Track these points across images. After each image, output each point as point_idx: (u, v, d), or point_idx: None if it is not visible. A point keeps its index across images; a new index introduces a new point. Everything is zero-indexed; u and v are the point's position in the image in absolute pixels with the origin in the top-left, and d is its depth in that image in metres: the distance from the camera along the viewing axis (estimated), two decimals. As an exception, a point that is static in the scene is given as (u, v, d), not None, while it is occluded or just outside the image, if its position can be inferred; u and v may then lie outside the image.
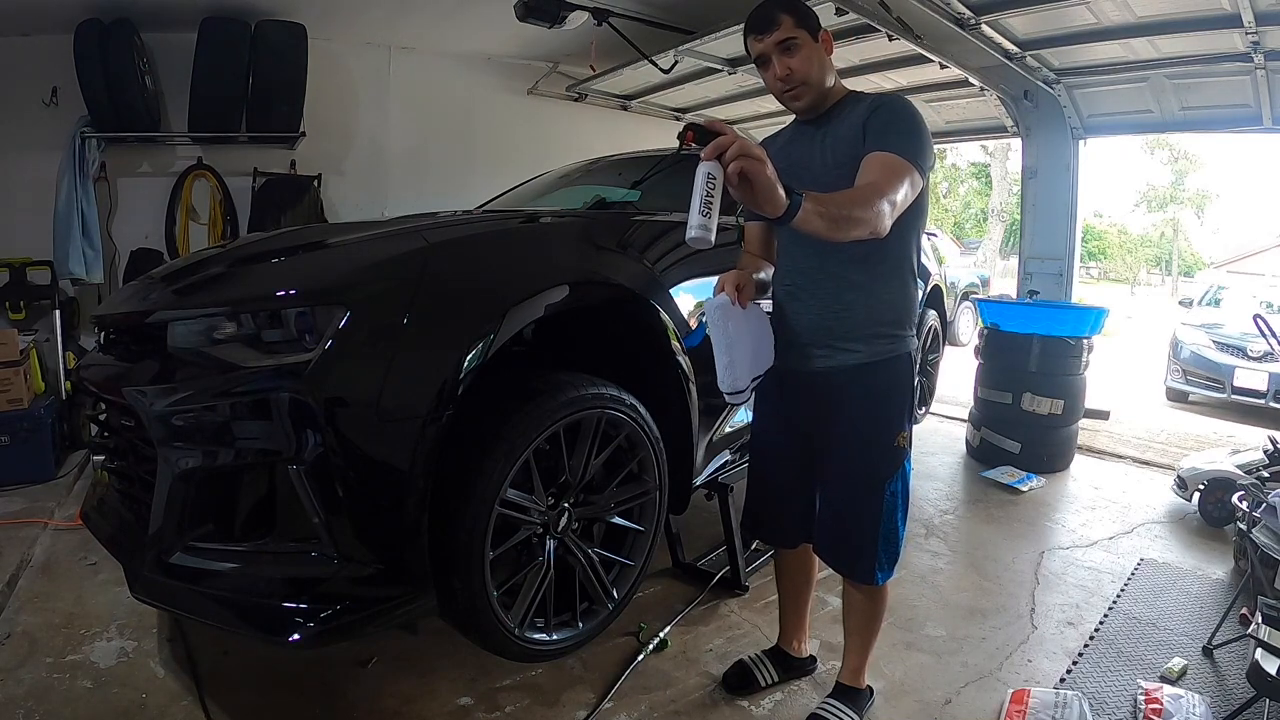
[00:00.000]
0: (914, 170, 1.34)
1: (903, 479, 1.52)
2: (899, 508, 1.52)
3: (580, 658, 1.86)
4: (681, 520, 2.33)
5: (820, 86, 1.47)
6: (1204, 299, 7.55)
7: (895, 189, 1.29)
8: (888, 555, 1.53)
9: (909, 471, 1.54)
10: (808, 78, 1.45)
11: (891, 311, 1.49)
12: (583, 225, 2.05)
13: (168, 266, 2.08)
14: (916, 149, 1.36)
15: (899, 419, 1.50)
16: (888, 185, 1.29)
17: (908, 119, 1.40)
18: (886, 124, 1.39)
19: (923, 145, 1.38)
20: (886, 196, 1.27)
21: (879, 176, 1.31)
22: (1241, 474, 2.82)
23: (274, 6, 3.79)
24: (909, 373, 1.52)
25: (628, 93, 5.32)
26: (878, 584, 1.55)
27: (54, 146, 3.61)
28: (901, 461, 1.51)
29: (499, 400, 1.61)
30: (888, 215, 1.27)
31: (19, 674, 1.73)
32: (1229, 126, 4.29)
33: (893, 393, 1.50)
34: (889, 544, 1.52)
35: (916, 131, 1.39)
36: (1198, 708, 1.67)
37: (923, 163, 1.37)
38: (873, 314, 1.48)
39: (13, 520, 2.65)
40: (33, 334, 3.51)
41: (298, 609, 1.34)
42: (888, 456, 1.49)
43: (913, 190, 1.35)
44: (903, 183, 1.31)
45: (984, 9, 3.40)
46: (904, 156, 1.34)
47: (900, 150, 1.35)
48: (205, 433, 1.37)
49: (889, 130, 1.38)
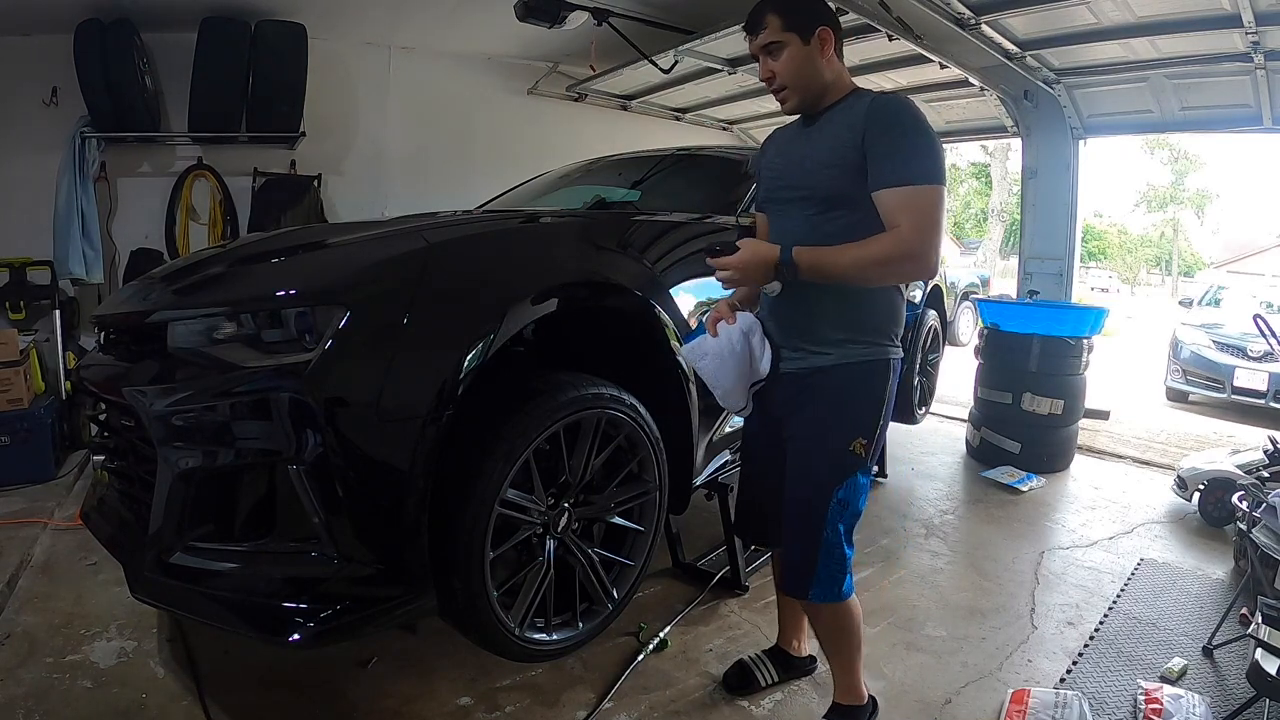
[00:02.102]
0: (936, 189, 1.30)
1: (851, 489, 1.43)
2: (842, 517, 1.43)
3: (580, 658, 1.86)
4: (681, 520, 2.33)
5: (807, 89, 1.43)
6: (1204, 299, 7.56)
7: (926, 227, 1.28)
8: (827, 571, 1.44)
9: (863, 485, 1.44)
10: (789, 81, 1.41)
11: (871, 318, 1.43)
12: (583, 225, 2.05)
13: (168, 266, 2.08)
14: (930, 166, 1.31)
15: (859, 425, 1.42)
16: (916, 231, 1.28)
17: (910, 130, 1.33)
18: (892, 144, 1.32)
19: (933, 156, 1.32)
20: (919, 242, 1.28)
21: (905, 220, 1.29)
22: (1241, 474, 2.83)
23: (274, 6, 3.79)
24: (880, 381, 1.44)
25: (628, 93, 5.32)
26: (810, 600, 1.47)
27: (54, 146, 3.60)
28: (854, 470, 1.42)
29: (499, 400, 1.61)
30: (932, 254, 1.29)
31: (19, 674, 1.73)
32: (1229, 126, 4.30)
33: (857, 397, 1.43)
34: (830, 558, 1.43)
35: (924, 145, 1.32)
36: (1198, 708, 1.67)
37: (940, 174, 1.32)
38: (847, 319, 1.42)
39: (13, 520, 2.64)
40: (33, 334, 3.51)
41: (298, 609, 1.34)
42: (839, 460, 1.42)
43: (942, 206, 1.32)
44: (931, 212, 1.29)
45: (984, 9, 3.41)
46: (921, 181, 1.30)
47: (915, 176, 1.30)
48: (205, 433, 1.37)
49: (896, 151, 1.31)
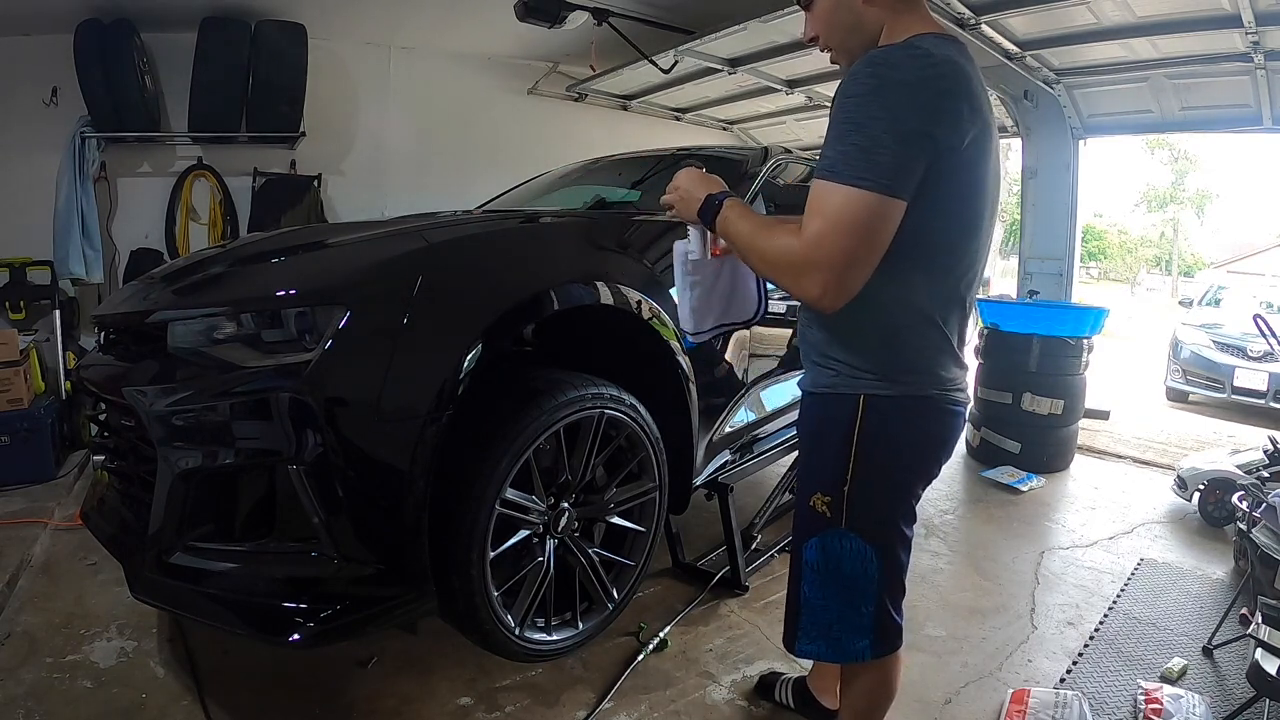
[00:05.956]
0: (844, 191, 0.93)
1: (824, 551, 1.16)
2: (819, 583, 1.18)
3: (580, 658, 1.86)
4: (681, 520, 2.32)
5: (849, 46, 1.14)
6: (1204, 299, 7.56)
7: (823, 241, 0.94)
8: (813, 628, 1.21)
9: (844, 550, 1.15)
10: (828, 38, 1.15)
11: (854, 340, 1.10)
12: (583, 225, 2.05)
13: (168, 266, 2.08)
14: (842, 155, 0.94)
15: (818, 475, 1.17)
16: (811, 242, 0.95)
17: (844, 102, 0.97)
18: (831, 115, 0.99)
19: (860, 143, 0.93)
20: (807, 257, 0.96)
21: (810, 224, 0.96)
22: (1241, 474, 2.83)
23: (274, 6, 3.79)
24: (847, 420, 1.11)
25: (628, 93, 5.32)
26: (795, 653, 1.26)
27: (54, 146, 3.61)
28: (819, 529, 1.16)
29: (499, 400, 1.61)
30: (823, 279, 0.95)
31: (19, 674, 1.73)
32: (1229, 126, 4.31)
33: (820, 439, 1.16)
34: (814, 620, 1.21)
35: (852, 123, 0.94)
36: (1198, 708, 1.67)
37: (858, 169, 0.93)
38: (832, 336, 1.13)
39: (13, 520, 2.64)
40: (33, 334, 3.51)
41: (297, 609, 1.34)
42: (804, 514, 1.19)
43: (861, 221, 0.93)
44: (837, 222, 0.94)
45: (984, 9, 3.40)
46: (826, 175, 0.95)
47: (824, 166, 0.96)
48: (205, 433, 1.37)
49: (829, 129, 0.99)
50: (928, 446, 1.16)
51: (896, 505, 1.17)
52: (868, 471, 1.12)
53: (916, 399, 1.10)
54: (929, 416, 1.12)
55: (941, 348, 1.11)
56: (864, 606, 1.18)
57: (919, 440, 1.14)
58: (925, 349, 1.10)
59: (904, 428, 1.11)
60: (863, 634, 1.20)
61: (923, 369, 1.11)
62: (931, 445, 1.16)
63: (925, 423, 1.12)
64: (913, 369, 1.10)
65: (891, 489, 1.16)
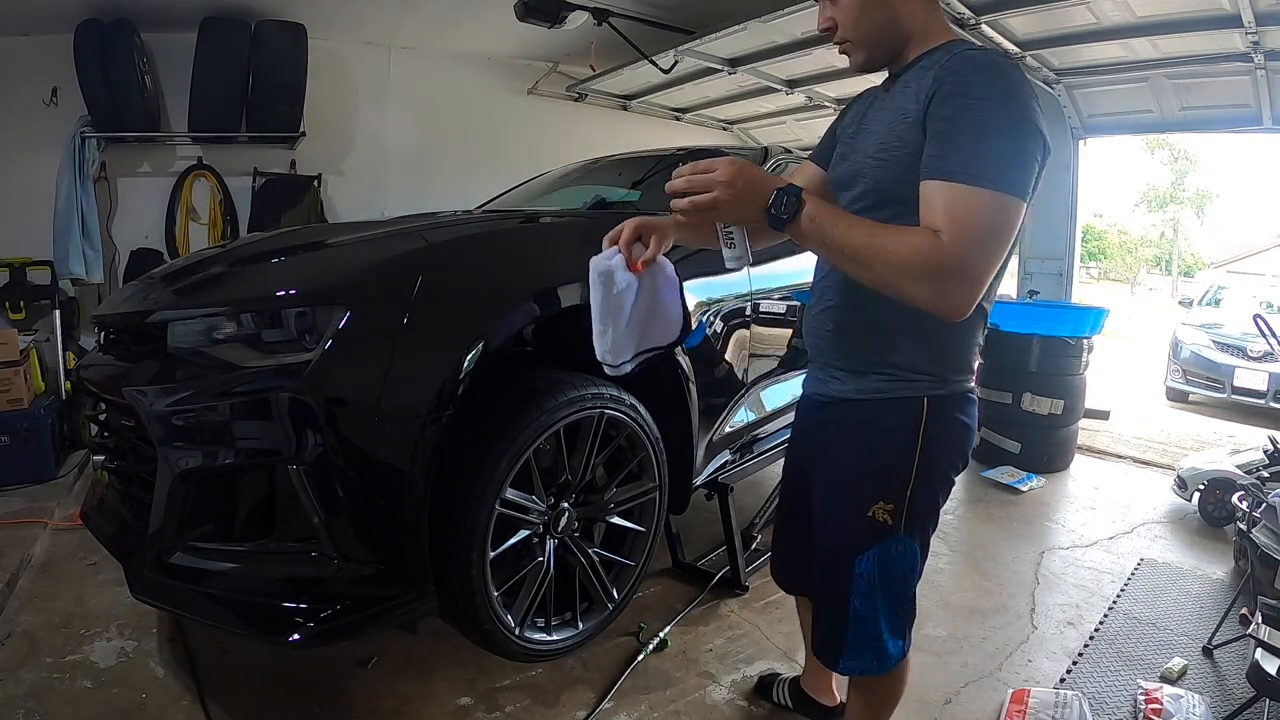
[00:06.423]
0: (1001, 199, 0.91)
1: (880, 560, 1.13)
2: (871, 593, 1.15)
3: (580, 658, 1.86)
4: (681, 520, 2.32)
5: (874, 41, 1.08)
6: (1204, 299, 7.55)
7: (974, 246, 0.90)
8: (860, 641, 1.18)
9: (897, 554, 1.14)
10: (849, 31, 1.09)
11: (911, 344, 1.08)
12: (583, 225, 2.05)
13: (168, 266, 2.08)
14: (1002, 163, 0.91)
15: (880, 484, 1.13)
16: (960, 247, 0.90)
17: (982, 102, 0.92)
18: (953, 119, 0.93)
19: (1014, 149, 0.92)
20: (958, 264, 0.90)
21: (948, 228, 0.91)
22: (1241, 474, 2.83)
23: (274, 6, 3.79)
24: (911, 424, 1.09)
25: (628, 93, 5.32)
26: (840, 673, 1.26)
27: (54, 146, 3.61)
28: (878, 539, 1.13)
29: (499, 400, 1.61)
30: (971, 288, 0.92)
31: (19, 674, 1.73)
32: (1229, 126, 4.31)
33: (876, 445, 1.12)
34: (862, 628, 1.17)
35: (1000, 128, 0.91)
36: (1198, 708, 1.67)
37: (1016, 177, 0.92)
38: (876, 341, 1.11)
39: (13, 520, 2.64)
40: (33, 334, 3.51)
41: (298, 609, 1.34)
42: (857, 528, 1.14)
43: (1008, 226, 0.92)
44: (990, 227, 0.91)
45: (984, 9, 3.40)
46: (981, 181, 0.90)
47: (975, 172, 0.90)
48: (205, 433, 1.37)
49: (957, 131, 0.93)
50: (970, 438, 1.19)
51: (943, 499, 1.20)
52: (929, 473, 1.13)
53: (962, 395, 1.14)
54: (970, 409, 1.16)
55: (980, 343, 1.16)
56: (902, 606, 1.20)
57: (968, 434, 1.16)
58: (974, 346, 1.14)
59: (957, 424, 1.13)
60: (900, 635, 1.20)
61: (969, 365, 1.14)
62: (971, 436, 1.19)
63: (969, 416, 1.16)
64: (964, 366, 1.13)
65: (944, 485, 1.18)
